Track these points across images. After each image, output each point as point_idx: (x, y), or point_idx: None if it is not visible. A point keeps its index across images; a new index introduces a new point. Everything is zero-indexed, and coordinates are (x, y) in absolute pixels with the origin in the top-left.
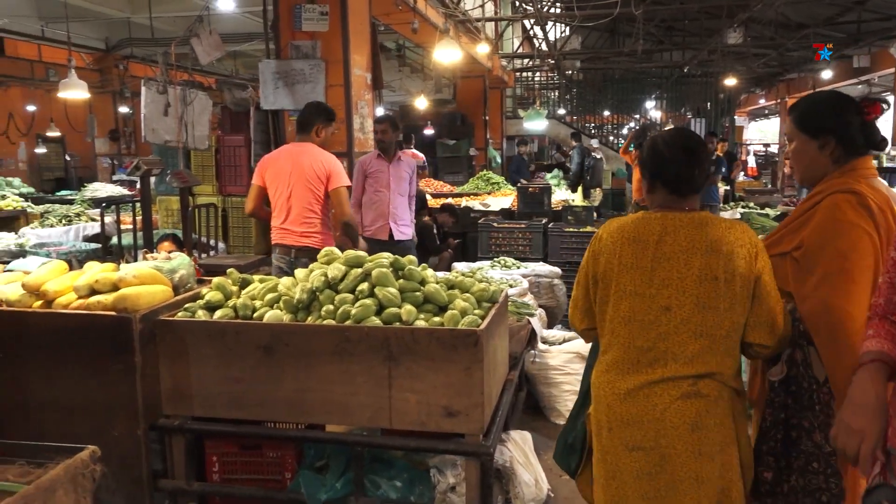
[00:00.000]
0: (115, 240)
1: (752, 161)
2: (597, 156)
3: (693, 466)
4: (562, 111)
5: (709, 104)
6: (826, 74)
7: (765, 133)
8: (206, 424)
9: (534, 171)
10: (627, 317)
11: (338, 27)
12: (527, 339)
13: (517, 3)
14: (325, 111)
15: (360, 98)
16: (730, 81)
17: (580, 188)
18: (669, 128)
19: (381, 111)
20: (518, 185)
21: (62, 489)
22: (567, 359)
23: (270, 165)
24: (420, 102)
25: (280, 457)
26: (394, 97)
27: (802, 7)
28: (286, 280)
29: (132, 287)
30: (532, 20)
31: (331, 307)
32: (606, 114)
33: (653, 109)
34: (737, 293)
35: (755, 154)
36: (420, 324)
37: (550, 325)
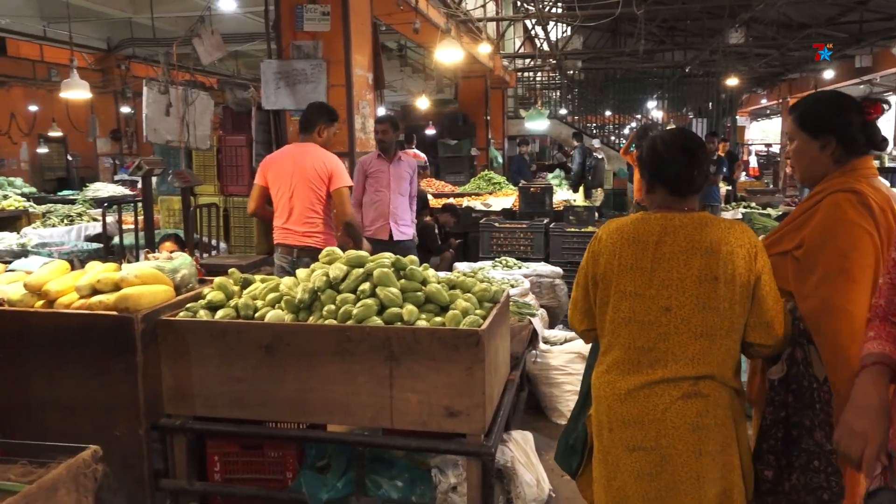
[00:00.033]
0: (117, 240)
1: (754, 161)
2: (598, 156)
3: (694, 467)
4: (563, 111)
5: (710, 104)
6: (828, 74)
7: (766, 133)
8: (208, 424)
9: (535, 172)
10: (627, 317)
11: (339, 27)
12: (528, 340)
13: (519, 3)
14: (328, 111)
15: (362, 98)
16: (731, 81)
17: (582, 188)
18: (669, 128)
19: (383, 111)
20: (519, 186)
21: (64, 489)
22: (568, 359)
23: (273, 165)
24: (421, 102)
25: (281, 456)
26: (395, 97)
27: (804, 7)
28: (288, 280)
29: (134, 287)
30: (533, 20)
31: (332, 307)
32: (608, 114)
33: (654, 109)
34: (737, 293)
35: (757, 154)
36: (421, 324)
37: (552, 326)
